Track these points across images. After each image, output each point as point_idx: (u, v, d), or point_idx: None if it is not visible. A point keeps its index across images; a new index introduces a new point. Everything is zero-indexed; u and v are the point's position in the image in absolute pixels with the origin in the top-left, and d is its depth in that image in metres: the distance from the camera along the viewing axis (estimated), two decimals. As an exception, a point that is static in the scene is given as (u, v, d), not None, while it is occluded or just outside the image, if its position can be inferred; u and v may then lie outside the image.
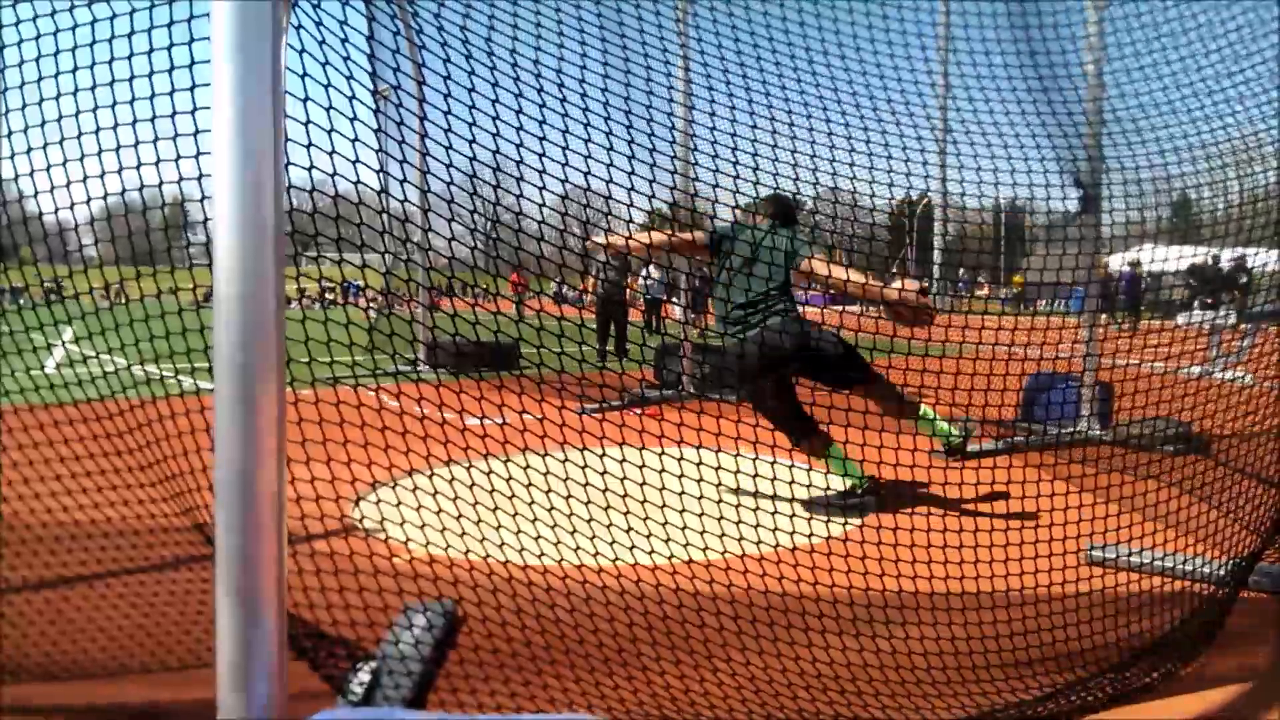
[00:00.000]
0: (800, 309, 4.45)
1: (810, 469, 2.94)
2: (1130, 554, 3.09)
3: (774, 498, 3.07)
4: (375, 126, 2.02)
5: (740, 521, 2.70)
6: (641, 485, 2.74)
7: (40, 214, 2.25)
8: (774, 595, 2.65)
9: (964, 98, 3.30)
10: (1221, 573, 2.96)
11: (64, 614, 2.60)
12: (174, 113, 1.74)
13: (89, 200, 2.03)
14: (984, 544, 2.75)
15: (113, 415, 2.64)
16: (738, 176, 2.53)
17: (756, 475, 2.88)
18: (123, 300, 2.95)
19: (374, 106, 2.01)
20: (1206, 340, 7.74)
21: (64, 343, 3.23)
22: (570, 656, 2.28)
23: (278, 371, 1.27)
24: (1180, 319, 8.60)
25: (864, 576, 2.63)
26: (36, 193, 2.13)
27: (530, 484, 2.49)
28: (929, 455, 4.21)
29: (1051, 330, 3.82)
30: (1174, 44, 3.20)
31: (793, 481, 3.05)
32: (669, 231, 4.44)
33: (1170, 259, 4.06)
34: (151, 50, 1.77)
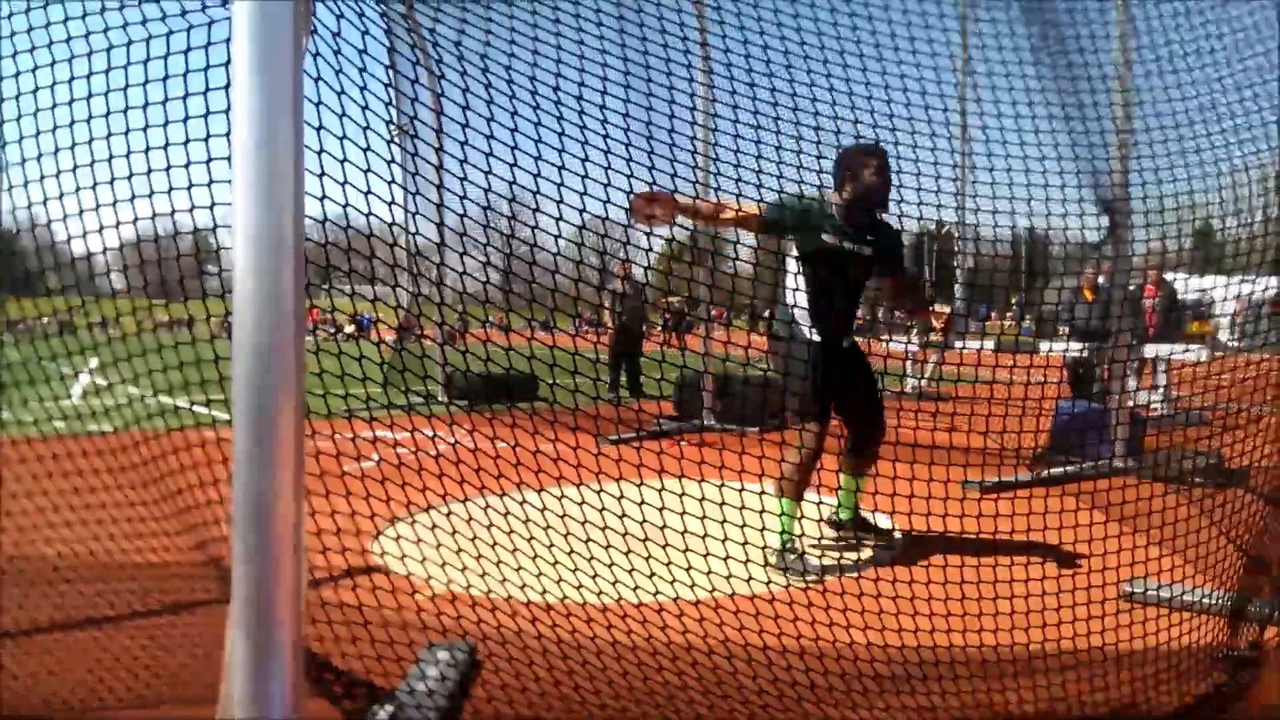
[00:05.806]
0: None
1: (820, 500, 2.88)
2: (1167, 591, 3.00)
3: (802, 534, 3.01)
4: (389, 158, 1.99)
5: (765, 563, 2.64)
6: (662, 520, 2.69)
7: (55, 244, 2.25)
8: (804, 637, 2.58)
9: (978, 122, 3.23)
10: (1265, 610, 2.85)
11: (72, 652, 2.57)
12: (207, 136, 1.73)
13: (117, 225, 2.03)
14: (1016, 578, 2.68)
15: (134, 445, 2.63)
16: (761, 200, 2.50)
17: (780, 512, 2.83)
18: (153, 329, 2.95)
19: (391, 138, 2.00)
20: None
21: (89, 371, 3.23)
22: (588, 699, 2.21)
23: (297, 397, 1.25)
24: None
25: (895, 616, 2.56)
26: (50, 221, 2.14)
27: (548, 525, 2.44)
28: (963, 487, 4.10)
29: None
30: (1205, 50, 3.08)
31: (820, 519, 2.99)
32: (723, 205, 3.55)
33: (1206, 288, 3.99)
34: (167, 77, 1.78)
